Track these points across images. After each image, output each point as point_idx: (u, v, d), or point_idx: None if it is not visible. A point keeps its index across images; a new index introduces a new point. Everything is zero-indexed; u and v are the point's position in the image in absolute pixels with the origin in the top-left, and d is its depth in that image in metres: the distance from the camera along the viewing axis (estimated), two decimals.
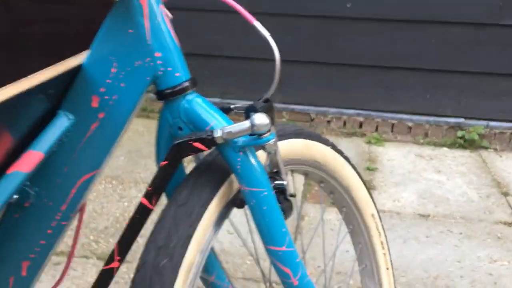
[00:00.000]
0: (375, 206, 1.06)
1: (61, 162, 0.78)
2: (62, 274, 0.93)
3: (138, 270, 0.69)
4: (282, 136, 0.87)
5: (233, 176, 0.77)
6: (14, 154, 0.72)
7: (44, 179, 0.79)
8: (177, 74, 0.74)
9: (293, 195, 0.82)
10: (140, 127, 2.76)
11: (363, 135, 2.89)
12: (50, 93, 0.73)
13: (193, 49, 2.54)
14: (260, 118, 0.70)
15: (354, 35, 2.82)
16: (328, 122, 2.98)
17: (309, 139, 0.93)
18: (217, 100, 2.97)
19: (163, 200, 0.80)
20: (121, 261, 0.77)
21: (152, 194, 0.75)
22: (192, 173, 0.76)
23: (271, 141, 0.72)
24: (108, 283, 0.78)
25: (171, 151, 0.74)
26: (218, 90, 3.00)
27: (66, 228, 0.82)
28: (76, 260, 1.64)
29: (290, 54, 2.85)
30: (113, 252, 0.77)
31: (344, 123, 2.96)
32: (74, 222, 0.84)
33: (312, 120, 2.98)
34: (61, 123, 0.76)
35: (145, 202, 0.75)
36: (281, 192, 0.81)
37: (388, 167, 2.50)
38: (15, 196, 0.78)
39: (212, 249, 0.89)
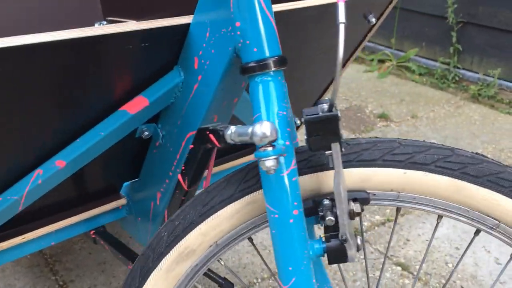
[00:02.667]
0: None
1: (177, 114, 0.82)
2: None
3: (162, 226, 0.68)
4: (412, 164, 0.64)
5: None
6: (131, 96, 0.81)
7: (167, 126, 0.85)
8: (255, 50, 0.64)
9: (344, 240, 0.61)
10: (476, 115, 2.40)
11: None
12: (168, 46, 0.77)
13: None
14: (261, 127, 0.54)
15: None
16: None
17: (471, 182, 0.63)
18: None
19: None
20: None
21: (185, 174, 0.72)
22: (245, 166, 0.67)
23: (266, 159, 0.55)
24: None
25: (195, 135, 0.68)
26: None
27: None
28: None
29: None
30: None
31: None
32: None
33: None
34: (173, 77, 0.79)
35: (180, 179, 0.73)
36: (332, 228, 0.62)
37: None
38: (147, 133, 0.88)
39: (319, 260, 0.76)
